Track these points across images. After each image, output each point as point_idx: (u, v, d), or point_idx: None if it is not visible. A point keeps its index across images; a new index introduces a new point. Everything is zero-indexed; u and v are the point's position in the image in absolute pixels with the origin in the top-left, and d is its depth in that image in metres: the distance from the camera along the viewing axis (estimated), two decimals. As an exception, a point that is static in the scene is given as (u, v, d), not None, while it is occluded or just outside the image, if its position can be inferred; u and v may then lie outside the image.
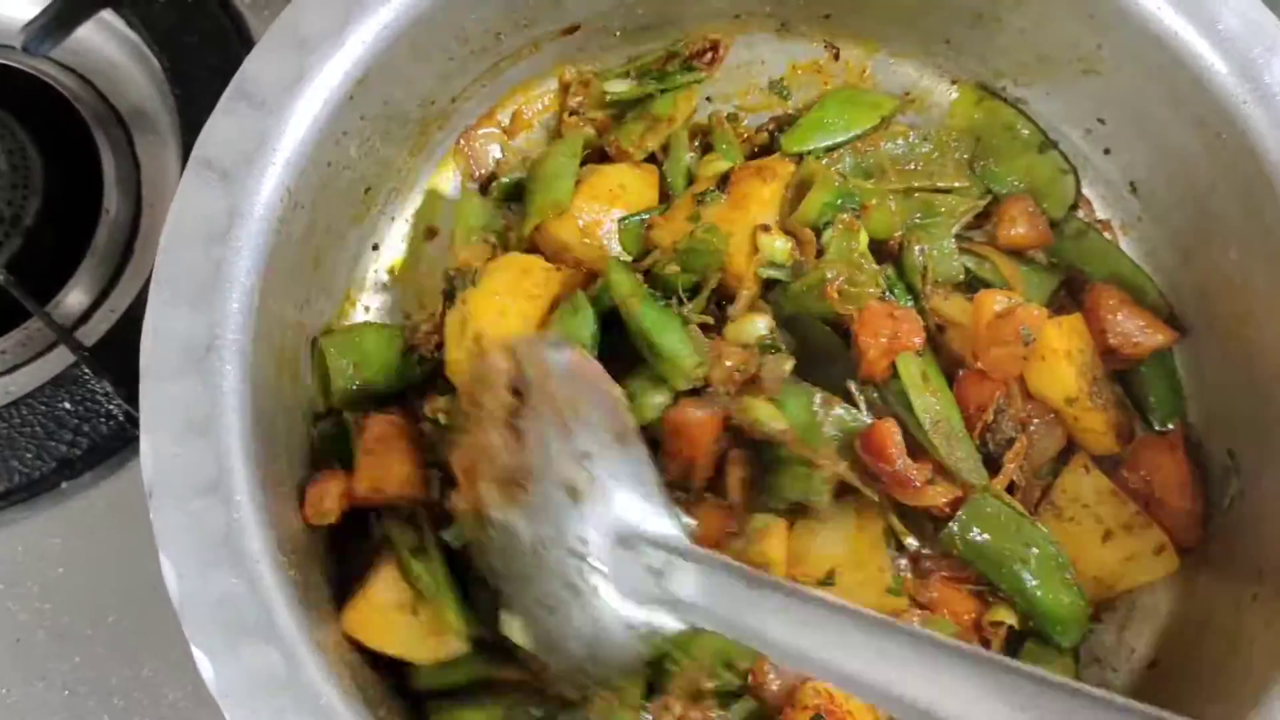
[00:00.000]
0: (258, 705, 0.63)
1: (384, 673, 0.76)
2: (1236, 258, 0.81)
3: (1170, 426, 0.86)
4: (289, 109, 0.74)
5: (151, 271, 0.95)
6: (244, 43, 1.05)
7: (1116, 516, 0.81)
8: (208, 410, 0.68)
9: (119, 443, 0.95)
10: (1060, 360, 0.80)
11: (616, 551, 0.64)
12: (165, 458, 0.67)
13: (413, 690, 0.77)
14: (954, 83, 0.94)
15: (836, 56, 0.96)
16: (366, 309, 0.91)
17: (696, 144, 0.93)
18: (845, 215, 0.82)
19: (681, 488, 0.77)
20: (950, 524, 0.77)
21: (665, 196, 0.90)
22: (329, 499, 0.78)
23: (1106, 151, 0.89)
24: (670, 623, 0.64)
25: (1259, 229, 0.78)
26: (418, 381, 0.86)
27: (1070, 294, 0.90)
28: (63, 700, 0.91)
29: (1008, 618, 0.78)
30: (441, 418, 0.85)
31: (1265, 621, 0.71)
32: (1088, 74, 0.85)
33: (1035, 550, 0.77)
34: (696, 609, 0.62)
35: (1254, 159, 0.76)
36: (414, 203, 0.94)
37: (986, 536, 0.77)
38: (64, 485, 0.95)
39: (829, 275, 0.79)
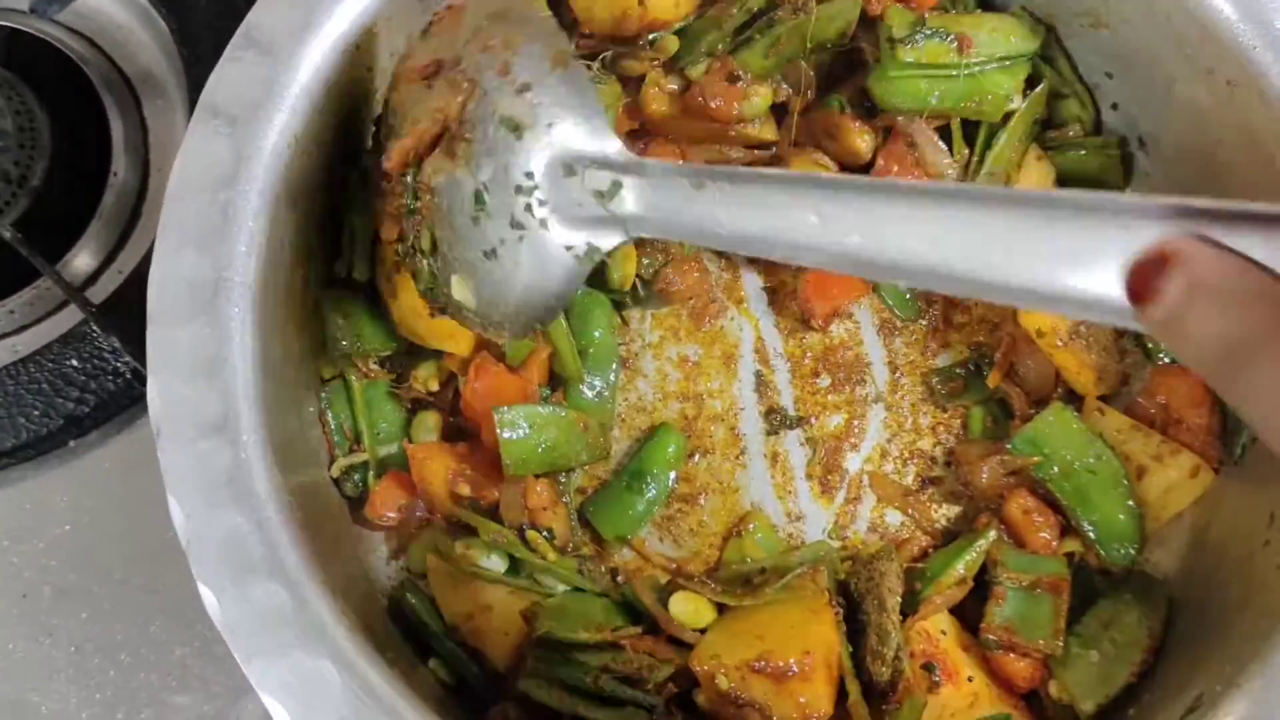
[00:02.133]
0: (263, 640, 0.63)
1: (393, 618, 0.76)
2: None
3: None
4: (296, 56, 0.74)
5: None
6: (250, 4, 1.05)
7: (1145, 449, 0.81)
8: (214, 351, 0.68)
9: (126, 400, 0.95)
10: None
11: (560, 180, 0.64)
12: (172, 399, 0.67)
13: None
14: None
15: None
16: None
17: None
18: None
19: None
20: (1025, 427, 0.81)
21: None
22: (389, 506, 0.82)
23: (1114, 107, 0.89)
24: (612, 239, 0.65)
25: (1269, 179, 0.78)
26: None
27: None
28: (69, 656, 0.92)
29: (1075, 548, 0.82)
30: (431, 384, 0.86)
31: (1276, 565, 0.71)
32: (1095, 28, 0.85)
33: (1100, 461, 0.80)
34: (644, 220, 0.62)
35: (1265, 106, 0.75)
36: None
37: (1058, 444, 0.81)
38: (71, 443, 0.95)
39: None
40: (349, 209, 0.82)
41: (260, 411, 0.68)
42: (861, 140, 0.87)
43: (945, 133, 0.88)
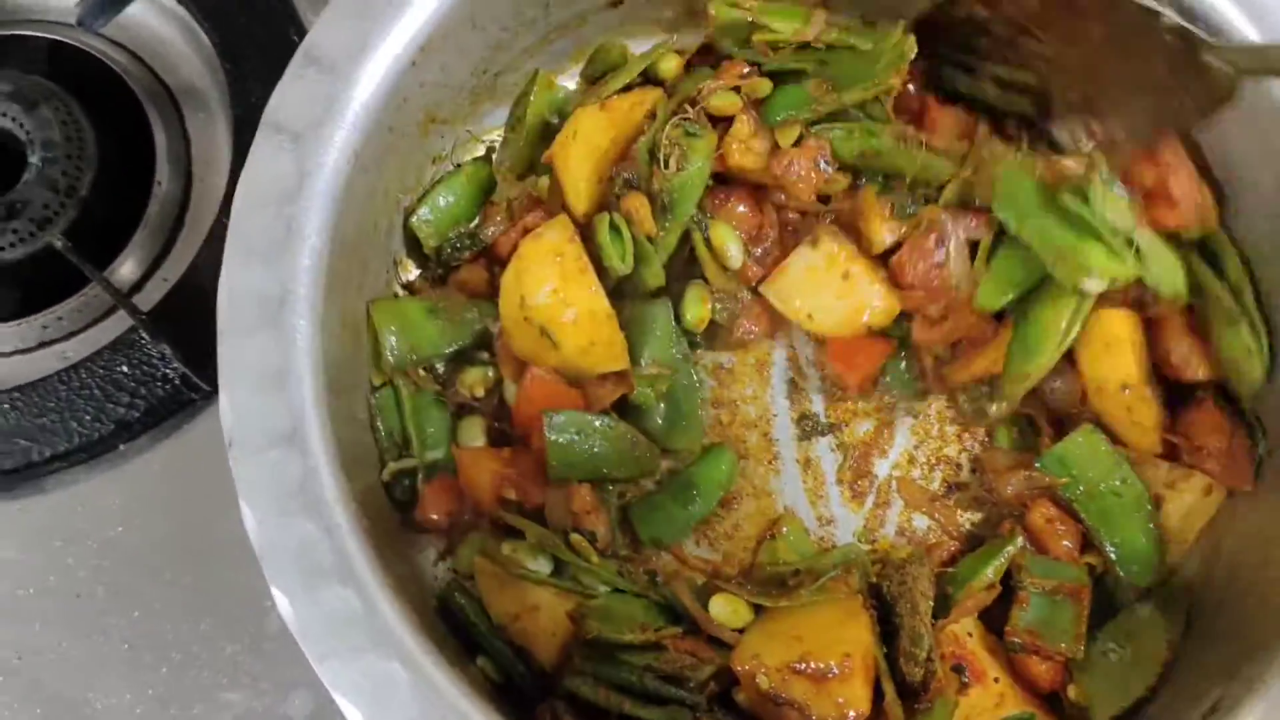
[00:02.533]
0: (335, 643, 0.66)
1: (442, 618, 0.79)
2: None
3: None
4: (356, 73, 0.77)
5: (204, 240, 1.00)
6: (291, 20, 1.08)
7: (1158, 478, 0.84)
8: (281, 363, 0.71)
9: (175, 406, 0.97)
10: (1125, 347, 0.83)
11: None
12: (243, 410, 0.70)
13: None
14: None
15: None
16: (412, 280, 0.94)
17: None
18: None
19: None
20: (1055, 447, 0.84)
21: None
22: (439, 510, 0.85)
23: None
24: None
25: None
26: (465, 348, 0.89)
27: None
28: (122, 654, 0.94)
29: (1096, 561, 0.85)
30: (478, 390, 0.89)
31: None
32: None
33: (1125, 485, 0.83)
34: None
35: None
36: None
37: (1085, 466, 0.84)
38: (122, 447, 0.98)
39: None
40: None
41: (326, 421, 0.71)
42: (883, 230, 0.87)
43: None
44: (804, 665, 0.76)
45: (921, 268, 0.86)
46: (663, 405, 0.88)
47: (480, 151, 0.97)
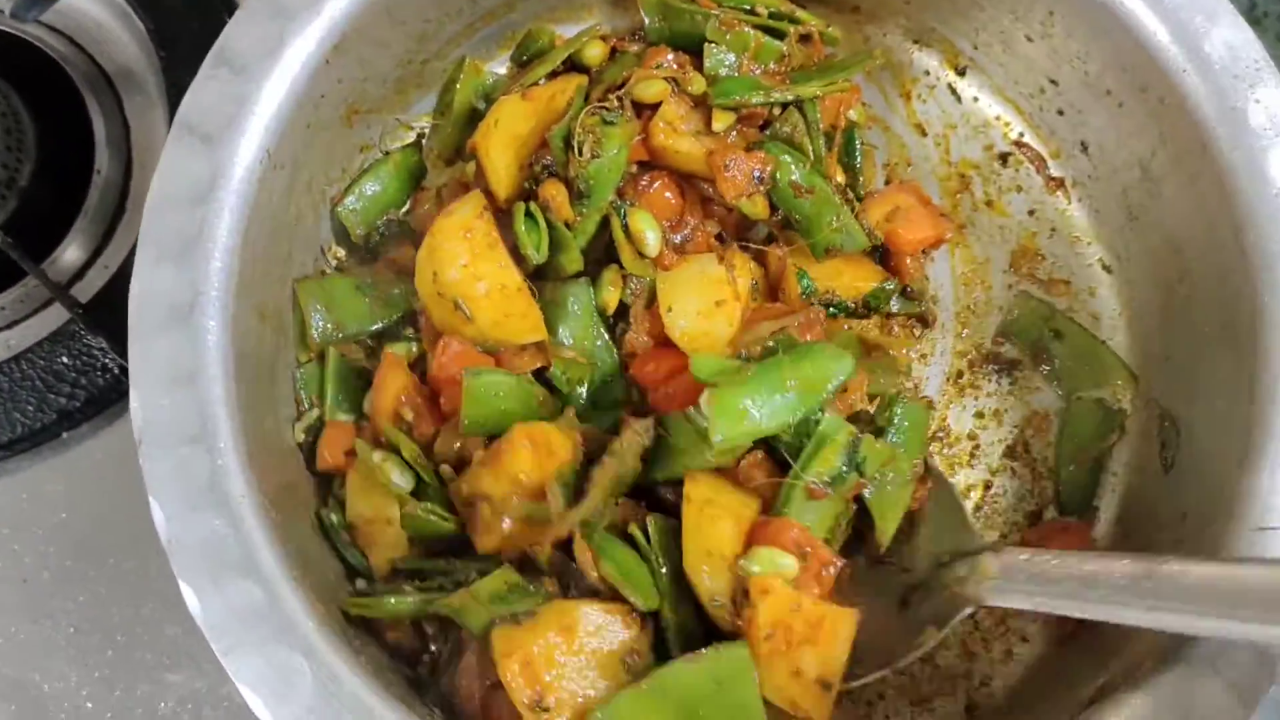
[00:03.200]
0: (241, 635, 0.68)
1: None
2: (1176, 221, 0.84)
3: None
4: (268, 74, 0.78)
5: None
6: (225, 4, 1.08)
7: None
8: (192, 364, 0.72)
9: (115, 395, 0.99)
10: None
11: None
12: (153, 409, 0.72)
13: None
14: (916, 42, 0.97)
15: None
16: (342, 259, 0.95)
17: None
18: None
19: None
20: None
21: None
22: (334, 451, 0.84)
23: (1060, 112, 0.92)
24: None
25: (1195, 195, 0.81)
26: (391, 325, 0.90)
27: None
28: (69, 637, 0.97)
29: None
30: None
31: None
32: (1042, 39, 0.88)
33: None
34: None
35: (1192, 127, 0.79)
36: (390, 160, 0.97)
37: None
38: (64, 435, 1.00)
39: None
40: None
41: (236, 418, 0.73)
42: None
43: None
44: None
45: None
46: (584, 389, 0.89)
47: (410, 138, 0.97)
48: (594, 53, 0.93)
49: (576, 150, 0.85)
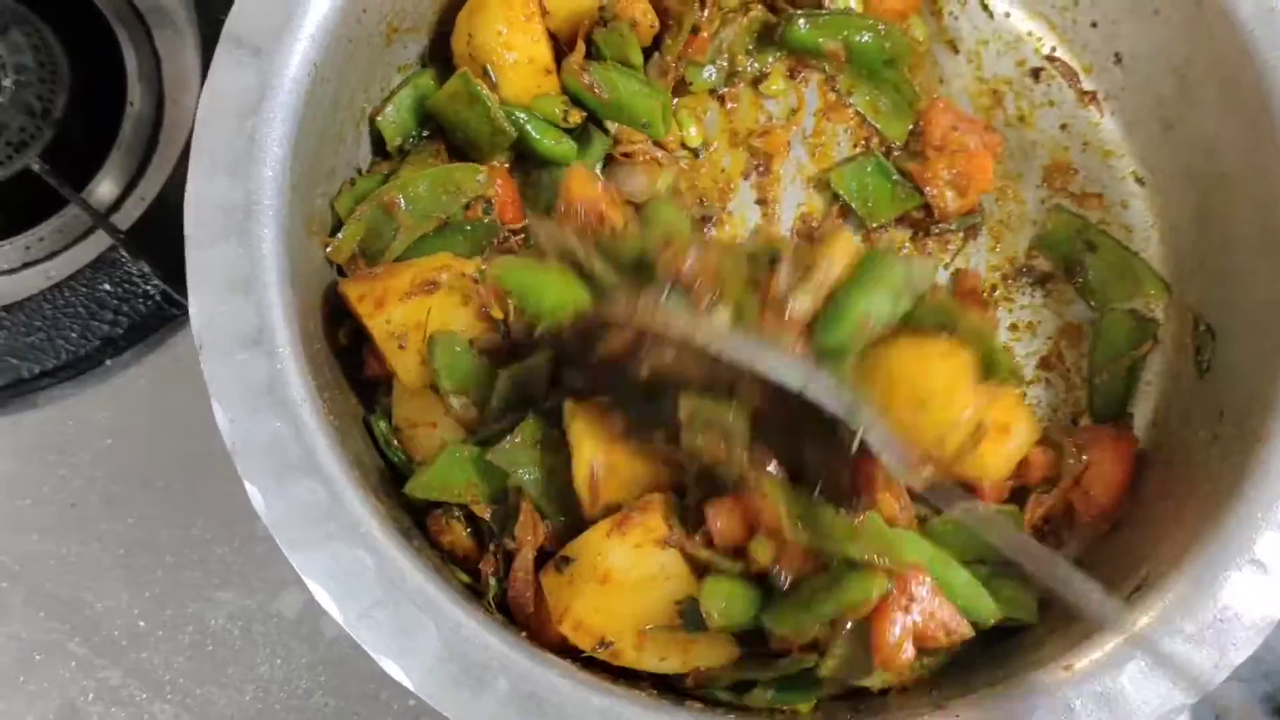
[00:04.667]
0: (306, 532, 0.70)
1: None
2: (1214, 127, 0.85)
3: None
4: (312, -14, 0.78)
5: (178, 158, 1.03)
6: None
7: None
8: (247, 270, 0.74)
9: (157, 321, 1.00)
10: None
11: None
12: (211, 315, 0.73)
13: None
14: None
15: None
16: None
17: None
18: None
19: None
20: None
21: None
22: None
23: (1093, 24, 0.93)
24: None
25: (1234, 99, 0.82)
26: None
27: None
28: (118, 558, 0.99)
29: None
30: None
31: (1221, 457, 0.77)
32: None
33: None
34: None
35: (1230, 29, 0.80)
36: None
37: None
38: (108, 362, 1.01)
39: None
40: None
41: (292, 323, 0.74)
42: None
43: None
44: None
45: None
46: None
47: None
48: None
49: None
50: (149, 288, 1.00)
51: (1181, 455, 0.83)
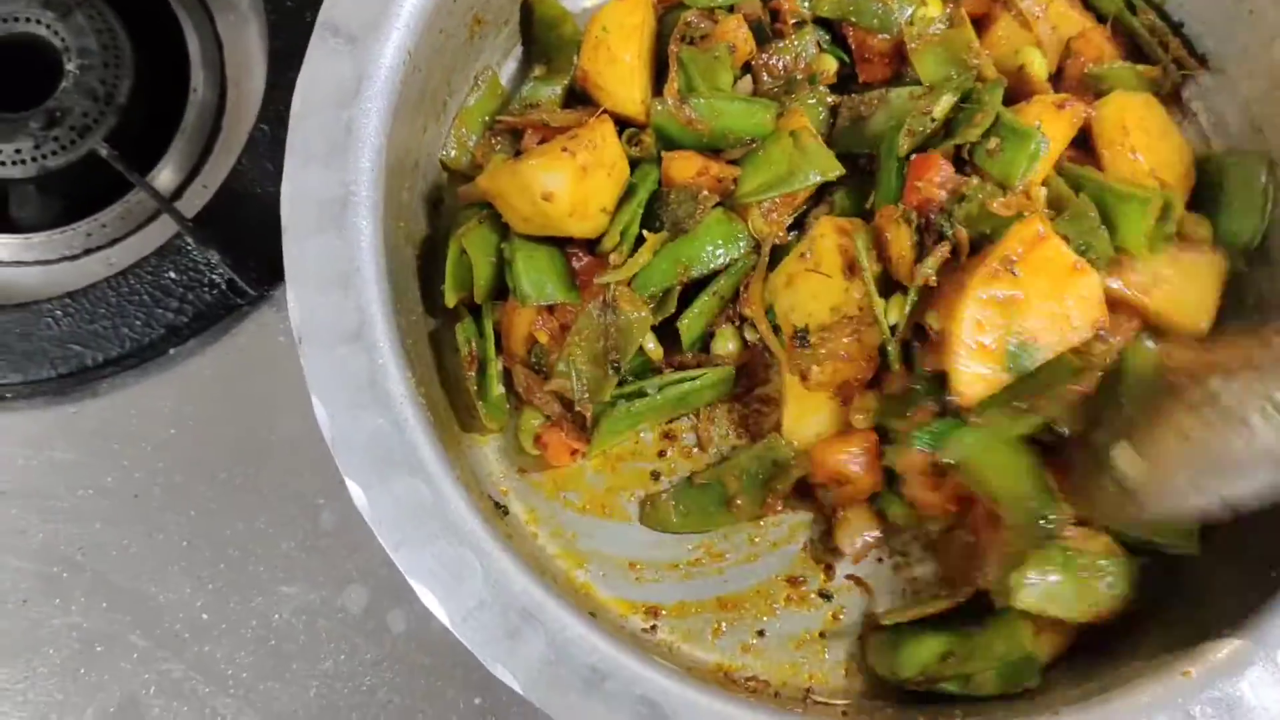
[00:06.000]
0: (409, 531, 0.69)
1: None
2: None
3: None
4: (407, -27, 0.77)
5: (243, 145, 1.01)
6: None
7: None
8: (347, 263, 0.73)
9: (222, 310, 0.99)
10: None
11: None
12: (310, 308, 0.72)
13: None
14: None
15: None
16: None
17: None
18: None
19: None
20: None
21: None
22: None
23: (1180, 25, 0.92)
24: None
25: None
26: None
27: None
28: (181, 551, 0.97)
29: None
30: None
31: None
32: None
33: None
34: None
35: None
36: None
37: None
38: (172, 351, 1.00)
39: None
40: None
41: (392, 318, 0.73)
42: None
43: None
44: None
45: None
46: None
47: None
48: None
49: None
50: (214, 276, 0.99)
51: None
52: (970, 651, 0.76)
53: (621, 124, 0.86)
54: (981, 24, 0.89)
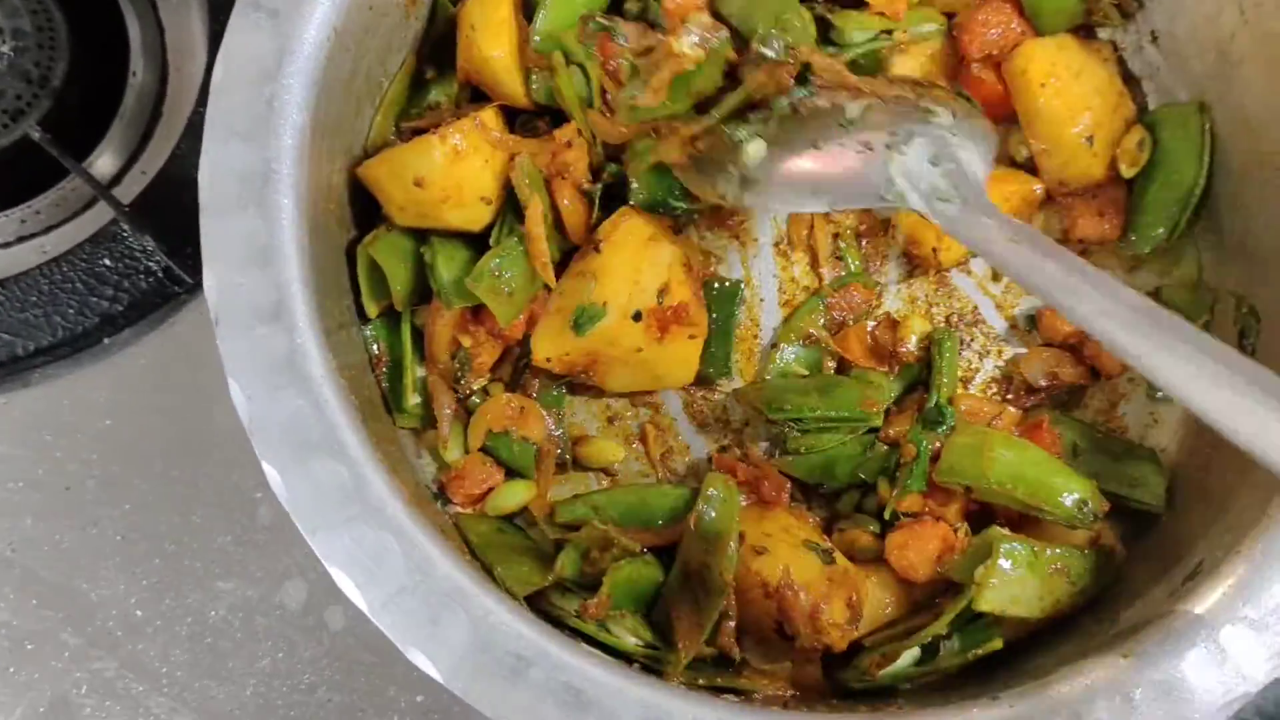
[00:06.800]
0: (327, 515, 0.66)
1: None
2: (1253, 105, 0.83)
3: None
4: (333, -52, 0.75)
5: (182, 131, 0.99)
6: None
7: None
8: (266, 241, 0.70)
9: (159, 299, 0.97)
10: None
11: (922, 156, 0.74)
12: (228, 287, 0.69)
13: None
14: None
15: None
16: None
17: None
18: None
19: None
20: None
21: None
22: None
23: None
24: (920, 207, 0.73)
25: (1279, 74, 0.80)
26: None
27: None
28: (115, 545, 0.95)
29: None
30: None
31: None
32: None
33: None
34: (954, 226, 0.71)
35: (1277, 2, 0.77)
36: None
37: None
38: (106, 340, 0.97)
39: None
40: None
41: (312, 299, 0.70)
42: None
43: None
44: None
45: None
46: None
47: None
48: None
49: None
50: (151, 263, 0.96)
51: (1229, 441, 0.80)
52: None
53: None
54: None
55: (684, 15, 0.75)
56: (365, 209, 0.84)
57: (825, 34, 0.84)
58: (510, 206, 0.82)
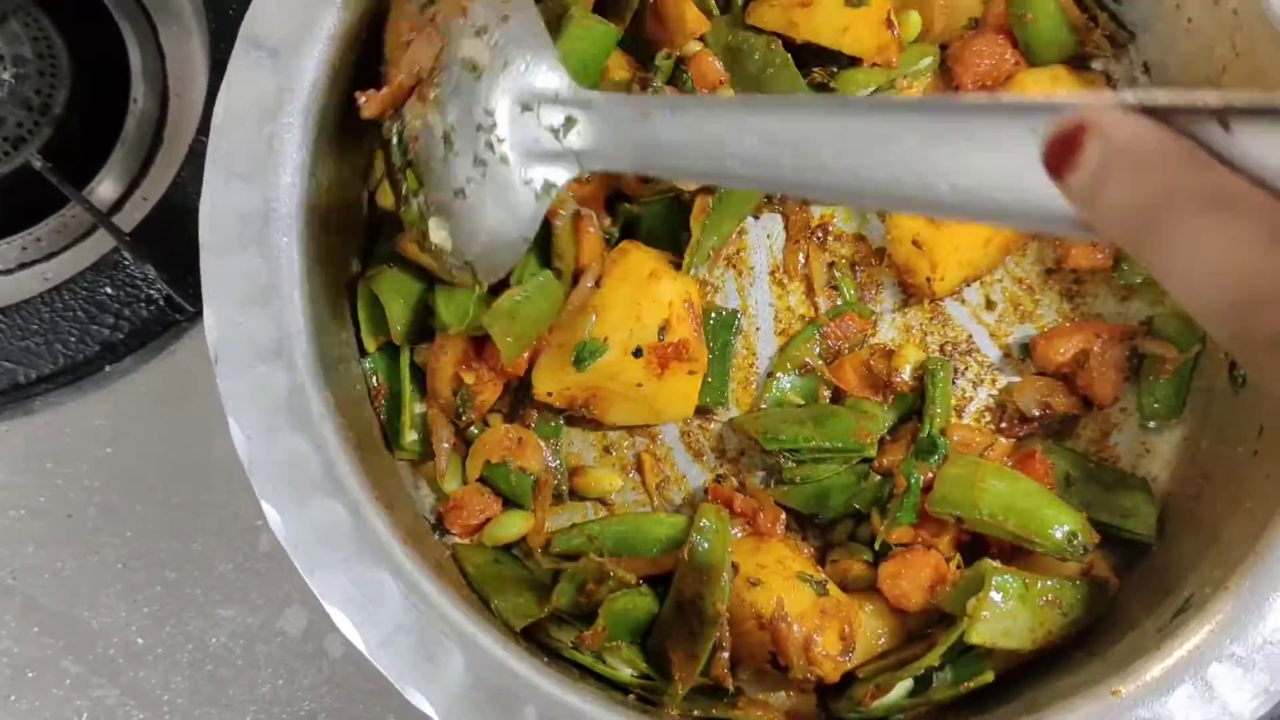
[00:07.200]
0: (325, 554, 0.67)
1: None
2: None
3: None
4: (332, -15, 0.76)
5: (183, 159, 0.99)
6: (265, -68, 1.05)
7: None
8: (266, 279, 0.71)
9: (160, 327, 0.97)
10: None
11: (518, 118, 0.68)
12: (228, 326, 0.70)
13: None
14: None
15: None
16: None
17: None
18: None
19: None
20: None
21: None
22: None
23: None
24: (566, 174, 0.68)
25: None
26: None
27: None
28: (116, 573, 0.95)
29: None
30: None
31: (1265, 474, 0.76)
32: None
33: None
34: (595, 154, 0.66)
35: (1268, 37, 0.78)
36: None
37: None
38: (108, 368, 0.98)
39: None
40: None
41: (312, 337, 0.71)
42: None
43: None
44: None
45: None
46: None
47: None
48: None
49: None
50: (152, 291, 0.97)
51: (1221, 471, 0.81)
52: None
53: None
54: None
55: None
56: (367, 245, 0.85)
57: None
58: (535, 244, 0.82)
